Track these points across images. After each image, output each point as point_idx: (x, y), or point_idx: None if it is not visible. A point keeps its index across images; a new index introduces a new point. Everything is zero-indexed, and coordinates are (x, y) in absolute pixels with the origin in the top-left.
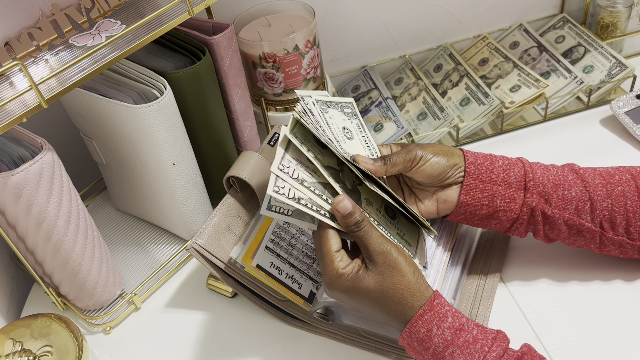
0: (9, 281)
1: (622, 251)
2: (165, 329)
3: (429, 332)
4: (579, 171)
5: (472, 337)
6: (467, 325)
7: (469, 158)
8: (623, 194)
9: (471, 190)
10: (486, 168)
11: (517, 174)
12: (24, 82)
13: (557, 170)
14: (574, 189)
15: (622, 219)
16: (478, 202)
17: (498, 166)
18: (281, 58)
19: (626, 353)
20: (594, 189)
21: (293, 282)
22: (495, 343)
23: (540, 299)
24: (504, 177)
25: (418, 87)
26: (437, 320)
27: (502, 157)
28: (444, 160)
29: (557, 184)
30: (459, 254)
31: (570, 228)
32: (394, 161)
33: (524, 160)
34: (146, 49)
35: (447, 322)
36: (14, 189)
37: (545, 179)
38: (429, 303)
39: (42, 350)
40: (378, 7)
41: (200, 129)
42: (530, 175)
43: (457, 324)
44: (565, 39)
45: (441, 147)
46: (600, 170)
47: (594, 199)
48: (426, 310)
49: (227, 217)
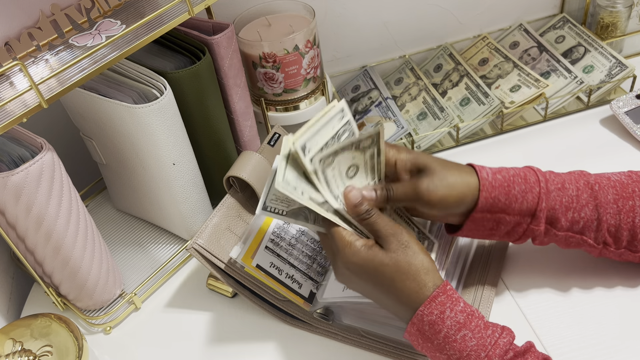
0: (9, 281)
1: (621, 258)
2: (165, 329)
3: (442, 314)
4: (594, 187)
5: (483, 323)
6: (477, 313)
7: (484, 193)
8: (633, 209)
9: (477, 220)
10: (499, 200)
11: (529, 202)
12: (24, 82)
13: (572, 189)
14: (585, 209)
15: (627, 235)
16: (481, 227)
17: (512, 195)
18: (281, 58)
19: (626, 353)
20: (605, 208)
21: (293, 282)
22: (505, 331)
23: (540, 299)
24: (514, 207)
25: (418, 87)
26: (450, 303)
27: (521, 181)
28: (453, 208)
29: (569, 207)
30: (459, 254)
31: (570, 242)
32: (397, 197)
33: (542, 184)
34: (146, 49)
35: (459, 306)
36: (14, 189)
37: (558, 203)
38: (442, 286)
39: (42, 350)
40: (378, 7)
41: (200, 129)
42: (543, 205)
43: (469, 310)
44: (565, 39)
45: (456, 187)
46: (615, 182)
47: (602, 219)
48: (440, 293)
49: (227, 217)
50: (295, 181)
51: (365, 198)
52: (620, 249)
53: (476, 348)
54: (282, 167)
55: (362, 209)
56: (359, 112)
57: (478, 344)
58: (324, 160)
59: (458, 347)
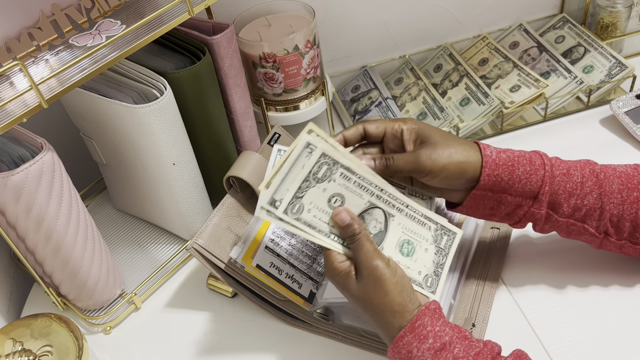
0: (9, 281)
1: (621, 250)
2: (165, 328)
3: (409, 353)
4: (599, 175)
5: (452, 356)
6: (449, 344)
7: (487, 170)
8: (637, 200)
9: (478, 197)
10: (502, 179)
11: (533, 184)
12: (24, 82)
13: (577, 175)
14: (588, 197)
15: (629, 225)
16: (482, 205)
17: (516, 175)
18: (281, 58)
19: (626, 353)
20: (609, 197)
21: (293, 282)
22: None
23: (540, 299)
24: (517, 188)
25: (418, 87)
26: (417, 342)
27: (526, 162)
28: (454, 179)
29: (572, 194)
30: (459, 254)
31: (570, 230)
32: (397, 168)
33: (547, 167)
34: (146, 49)
35: (427, 344)
36: (14, 189)
37: (562, 188)
38: (410, 325)
39: (42, 350)
40: (378, 7)
41: (200, 129)
42: (546, 188)
43: (438, 345)
44: (565, 39)
45: (458, 157)
46: (620, 172)
47: (604, 208)
48: (407, 332)
49: (227, 217)
50: None
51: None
52: (621, 240)
53: None
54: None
55: (349, 232)
56: (359, 112)
57: None
58: (289, 209)
59: None
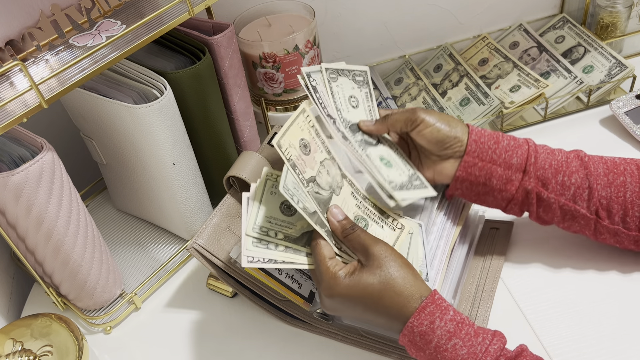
0: (9, 281)
1: (618, 240)
2: (165, 329)
3: (432, 324)
4: (584, 158)
5: (473, 331)
6: (467, 320)
7: (473, 135)
8: (624, 184)
9: (469, 167)
10: (488, 147)
11: (519, 156)
12: (24, 82)
13: (561, 155)
14: (575, 176)
15: (619, 209)
16: (474, 179)
17: (502, 146)
18: (281, 58)
19: (626, 353)
20: (595, 178)
21: (293, 281)
22: (496, 337)
23: (540, 299)
24: (505, 158)
25: (418, 87)
26: (439, 312)
27: (510, 137)
28: (446, 129)
29: (559, 170)
30: (459, 255)
31: (564, 213)
32: (395, 119)
33: (530, 143)
34: (146, 49)
35: (449, 315)
36: (14, 189)
37: (547, 163)
38: (431, 296)
39: (43, 350)
40: (378, 7)
41: (200, 129)
42: (532, 159)
43: (459, 318)
44: (565, 39)
45: (447, 116)
46: (606, 159)
47: (592, 187)
48: (428, 303)
49: (227, 217)
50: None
51: (369, 126)
52: (614, 225)
53: (467, 357)
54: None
55: (347, 223)
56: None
57: (469, 352)
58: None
59: (449, 357)
